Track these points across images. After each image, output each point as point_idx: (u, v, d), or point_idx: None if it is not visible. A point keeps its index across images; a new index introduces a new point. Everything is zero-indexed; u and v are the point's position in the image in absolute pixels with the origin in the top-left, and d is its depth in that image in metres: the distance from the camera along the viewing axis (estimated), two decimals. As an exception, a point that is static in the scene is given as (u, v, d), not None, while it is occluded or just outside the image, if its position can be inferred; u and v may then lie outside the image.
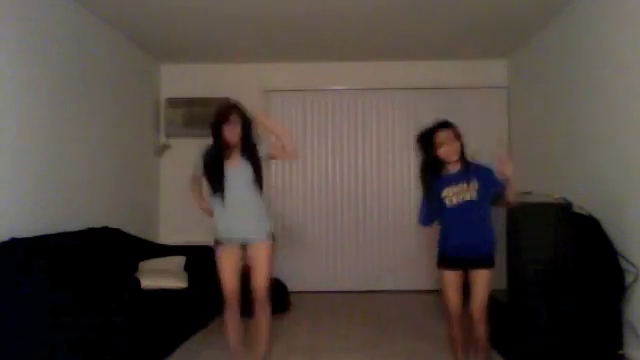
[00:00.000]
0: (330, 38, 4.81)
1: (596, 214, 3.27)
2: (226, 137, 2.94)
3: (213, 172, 2.98)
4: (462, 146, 2.79)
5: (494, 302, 3.57)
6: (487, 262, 2.79)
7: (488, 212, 2.82)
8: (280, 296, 4.51)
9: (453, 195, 2.78)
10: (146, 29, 4.54)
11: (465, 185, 2.76)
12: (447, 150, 2.76)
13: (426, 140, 2.82)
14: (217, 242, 3.05)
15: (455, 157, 2.78)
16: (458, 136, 2.80)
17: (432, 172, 2.83)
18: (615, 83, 3.35)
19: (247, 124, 2.99)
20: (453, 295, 2.86)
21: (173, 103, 5.49)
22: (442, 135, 2.77)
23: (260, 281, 3.00)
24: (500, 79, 5.50)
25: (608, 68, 3.44)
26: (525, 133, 5.05)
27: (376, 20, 4.32)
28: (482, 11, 4.13)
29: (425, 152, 2.83)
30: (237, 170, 2.97)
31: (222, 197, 2.94)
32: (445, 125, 2.82)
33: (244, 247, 3.05)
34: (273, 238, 3.06)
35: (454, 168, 2.81)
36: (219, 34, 4.68)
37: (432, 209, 2.85)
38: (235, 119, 2.95)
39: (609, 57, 3.43)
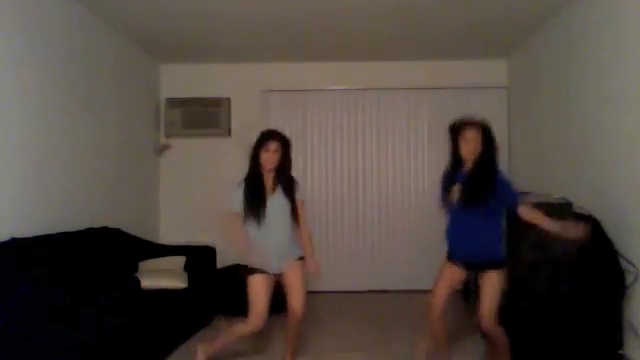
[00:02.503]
0: (330, 38, 4.81)
1: (596, 214, 3.26)
2: (262, 162, 2.95)
3: (256, 203, 2.96)
4: (487, 150, 2.78)
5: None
6: (494, 265, 2.78)
7: (496, 223, 2.81)
8: (280, 296, 4.51)
9: (454, 192, 2.80)
10: (146, 29, 4.54)
11: (460, 186, 2.77)
12: (466, 148, 2.78)
13: (454, 132, 2.84)
14: (251, 270, 2.99)
15: (470, 156, 2.79)
16: (484, 138, 2.78)
17: (453, 166, 2.88)
18: (615, 82, 3.35)
19: (287, 153, 3.02)
20: (439, 288, 2.90)
21: (173, 103, 5.49)
22: (467, 133, 2.79)
23: (298, 304, 3.01)
24: (500, 79, 5.51)
25: (608, 67, 3.44)
26: (525, 133, 5.05)
27: (376, 20, 4.32)
28: (482, 11, 4.12)
29: (452, 144, 2.86)
30: (276, 202, 2.99)
31: (260, 228, 2.95)
32: (475, 125, 2.81)
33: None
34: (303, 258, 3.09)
35: (469, 167, 2.82)
36: (219, 34, 4.68)
37: (444, 193, 2.92)
38: (274, 146, 2.96)
39: (609, 56, 3.43)
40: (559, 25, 4.19)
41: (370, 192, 5.59)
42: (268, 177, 3.02)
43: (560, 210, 3.14)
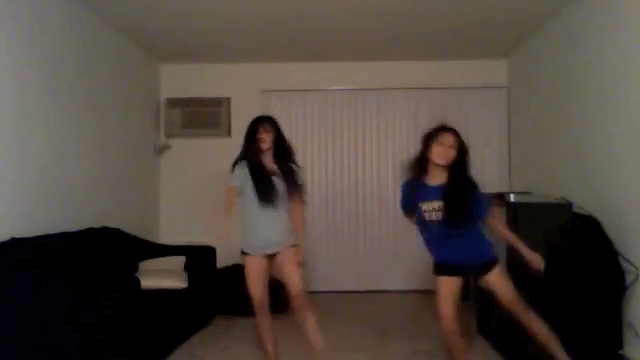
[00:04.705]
0: (330, 38, 4.81)
1: (596, 214, 3.27)
2: (259, 140, 2.95)
3: (261, 181, 2.95)
4: (461, 160, 2.65)
5: (494, 302, 3.58)
6: (490, 265, 2.70)
7: (477, 229, 2.70)
8: (280, 296, 4.51)
9: (430, 211, 2.69)
10: (146, 29, 4.54)
11: (439, 203, 2.64)
12: (439, 152, 2.63)
13: (428, 138, 2.70)
14: (244, 253, 3.01)
15: (443, 162, 2.63)
16: (459, 147, 2.64)
17: (417, 170, 2.75)
18: (615, 83, 3.35)
19: (280, 133, 3.04)
20: (444, 303, 2.71)
21: (173, 103, 5.49)
22: (443, 136, 2.64)
23: (295, 287, 3.02)
24: (500, 79, 5.51)
25: (608, 68, 3.44)
26: (525, 133, 5.05)
27: (376, 20, 4.32)
28: (482, 11, 4.13)
29: (422, 149, 2.72)
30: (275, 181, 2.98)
31: (270, 207, 2.94)
32: (451, 130, 2.68)
33: (270, 257, 3.04)
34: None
35: (437, 179, 2.69)
36: (219, 34, 4.68)
37: (409, 203, 2.87)
38: (268, 127, 2.98)
39: (609, 56, 3.43)
40: (559, 25, 4.19)
41: (370, 192, 5.58)
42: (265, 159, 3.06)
43: (559, 210, 3.15)
